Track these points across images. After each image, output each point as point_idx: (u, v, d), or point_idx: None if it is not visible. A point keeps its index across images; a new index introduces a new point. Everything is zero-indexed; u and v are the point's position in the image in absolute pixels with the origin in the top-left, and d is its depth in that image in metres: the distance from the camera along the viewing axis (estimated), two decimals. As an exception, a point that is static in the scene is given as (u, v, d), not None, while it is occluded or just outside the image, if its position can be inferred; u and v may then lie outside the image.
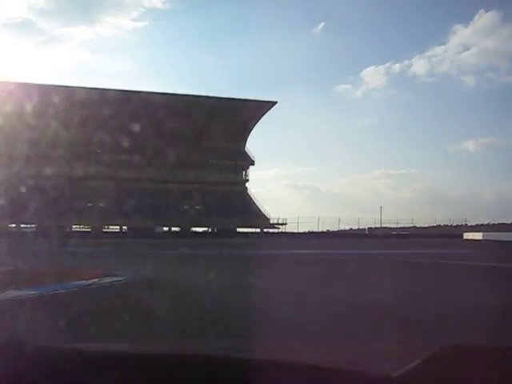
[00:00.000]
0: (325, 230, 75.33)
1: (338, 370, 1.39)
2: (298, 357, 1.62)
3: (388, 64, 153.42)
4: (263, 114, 76.61)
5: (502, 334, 5.88)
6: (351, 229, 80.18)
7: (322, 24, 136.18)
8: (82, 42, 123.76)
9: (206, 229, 74.86)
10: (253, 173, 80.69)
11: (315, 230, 73.77)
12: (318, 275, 15.40)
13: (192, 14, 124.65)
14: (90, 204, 67.18)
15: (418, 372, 1.29)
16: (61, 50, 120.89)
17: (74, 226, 68.92)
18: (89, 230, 67.88)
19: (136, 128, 70.27)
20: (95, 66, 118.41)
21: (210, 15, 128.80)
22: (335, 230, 74.81)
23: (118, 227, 69.76)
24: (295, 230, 73.28)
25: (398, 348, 2.20)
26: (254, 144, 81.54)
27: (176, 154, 74.58)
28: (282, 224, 74.39)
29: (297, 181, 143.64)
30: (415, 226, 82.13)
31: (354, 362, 1.58)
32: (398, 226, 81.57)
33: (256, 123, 78.24)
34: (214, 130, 75.60)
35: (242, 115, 74.64)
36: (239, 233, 69.36)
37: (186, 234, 66.40)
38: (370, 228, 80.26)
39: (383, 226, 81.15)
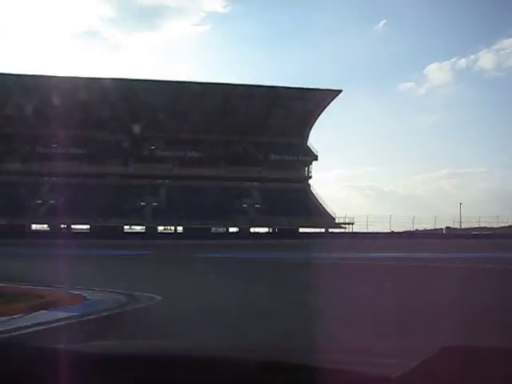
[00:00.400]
0: (395, 230, 68.88)
1: (338, 371, 1.37)
2: (298, 357, 1.57)
3: (453, 59, 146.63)
4: (327, 105, 70.74)
5: None
6: (417, 229, 72.39)
7: (384, 21, 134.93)
8: (145, 48, 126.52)
9: (266, 229, 69.94)
10: (313, 173, 75.11)
11: (381, 230, 67.70)
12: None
13: (252, 17, 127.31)
14: (143, 203, 63.66)
15: (418, 373, 1.28)
16: (125, 56, 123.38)
17: (127, 227, 65.70)
18: (143, 231, 64.71)
19: (192, 123, 66.64)
20: (159, 71, 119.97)
21: (271, 17, 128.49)
22: (402, 230, 68.11)
23: (172, 228, 65.87)
24: (363, 230, 67.25)
25: (398, 349, 1.99)
26: (314, 140, 75.72)
27: (234, 149, 70.33)
28: (349, 223, 68.39)
29: (359, 181, 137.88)
30: (485, 226, 74.30)
31: (354, 363, 1.52)
32: (480, 225, 73.58)
33: (319, 114, 72.46)
34: (275, 123, 70.55)
35: (304, 106, 69.02)
36: (302, 233, 64.01)
37: (244, 234, 62.06)
38: (447, 227, 72.93)
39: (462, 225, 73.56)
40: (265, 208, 66.00)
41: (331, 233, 65.17)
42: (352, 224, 68.05)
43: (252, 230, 66.96)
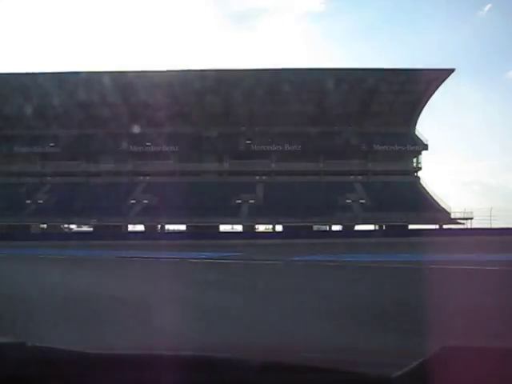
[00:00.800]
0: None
1: (338, 371, 1.39)
2: (298, 357, 1.59)
3: None
4: (437, 87, 63.58)
5: None
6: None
7: (489, 6, 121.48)
8: (239, 49, 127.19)
9: (372, 226, 64.13)
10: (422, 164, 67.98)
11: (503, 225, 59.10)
12: None
13: (350, 12, 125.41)
14: (239, 201, 60.22)
15: (418, 373, 1.29)
16: (218, 58, 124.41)
17: (228, 227, 62.61)
18: (241, 230, 61.29)
19: (288, 114, 62.46)
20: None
21: (368, 10, 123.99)
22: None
23: (271, 226, 61.87)
24: (484, 226, 59.36)
25: (398, 349, 2.02)
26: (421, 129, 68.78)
27: (335, 140, 65.23)
28: (467, 219, 60.85)
29: (465, 176, 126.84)
30: None
31: (354, 363, 1.55)
32: None
33: (429, 98, 65.41)
34: (379, 109, 64.53)
35: (412, 89, 62.43)
36: (412, 230, 57.60)
37: (349, 232, 56.79)
38: None
39: None
40: (370, 203, 60.44)
41: (446, 229, 58.36)
42: (471, 219, 60.58)
43: (357, 227, 61.54)
